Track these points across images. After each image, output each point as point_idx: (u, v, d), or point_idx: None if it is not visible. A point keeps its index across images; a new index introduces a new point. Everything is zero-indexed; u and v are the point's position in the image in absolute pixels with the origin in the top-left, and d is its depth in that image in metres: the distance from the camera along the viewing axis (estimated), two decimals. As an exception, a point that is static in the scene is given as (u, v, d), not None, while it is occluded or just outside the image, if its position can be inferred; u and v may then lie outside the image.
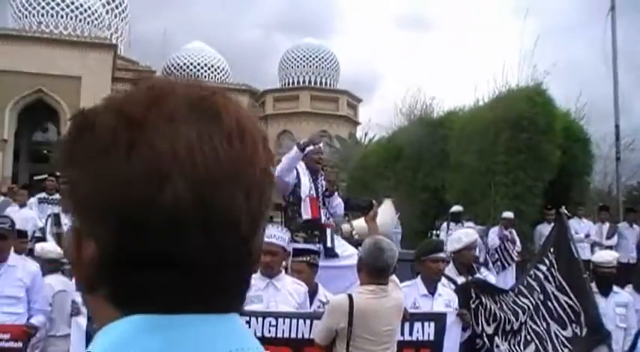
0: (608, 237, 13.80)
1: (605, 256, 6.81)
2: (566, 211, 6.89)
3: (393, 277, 4.52)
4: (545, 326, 5.92)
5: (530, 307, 5.94)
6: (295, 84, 54.12)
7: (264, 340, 4.61)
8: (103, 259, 0.72)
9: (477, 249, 7.77)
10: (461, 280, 5.97)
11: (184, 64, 54.19)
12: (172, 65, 53.75)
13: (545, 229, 13.30)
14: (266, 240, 5.00)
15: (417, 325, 5.08)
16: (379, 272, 4.27)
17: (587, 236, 13.30)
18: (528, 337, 5.87)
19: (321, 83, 54.80)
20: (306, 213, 6.66)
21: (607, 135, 18.69)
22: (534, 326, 5.93)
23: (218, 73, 55.15)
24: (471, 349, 5.50)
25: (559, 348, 5.75)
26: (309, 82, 54.29)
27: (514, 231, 12.50)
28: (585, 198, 15.76)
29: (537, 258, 6.35)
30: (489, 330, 5.64)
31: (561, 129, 14.19)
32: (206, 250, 0.70)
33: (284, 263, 5.38)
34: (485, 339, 5.56)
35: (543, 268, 6.14)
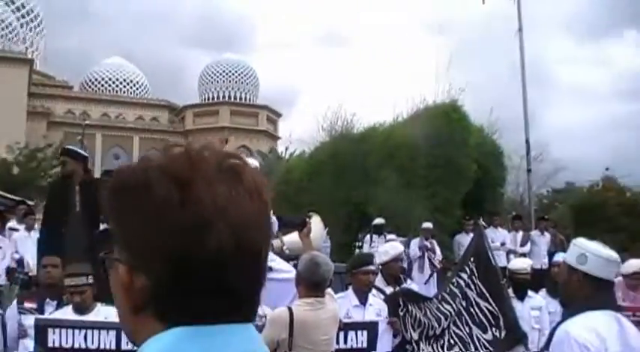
0: (522, 245, 14.59)
1: (520, 263, 7.34)
2: (483, 222, 7.37)
3: (329, 290, 4.82)
4: (467, 330, 6.33)
5: (453, 313, 6.35)
6: (215, 99, 54.21)
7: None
8: (154, 288, 0.92)
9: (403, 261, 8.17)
10: (389, 290, 6.34)
11: (103, 79, 53.46)
12: (91, 80, 52.92)
13: (463, 239, 13.96)
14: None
15: (351, 334, 5.38)
16: (316, 286, 4.56)
17: (503, 244, 13.99)
18: (452, 341, 6.27)
19: (240, 98, 55.04)
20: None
21: (518, 147, 19.66)
22: (457, 331, 6.34)
23: (137, 89, 54.67)
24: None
25: (481, 350, 6.17)
26: (229, 97, 54.49)
27: (434, 241, 13.06)
28: (499, 208, 16.54)
29: (459, 267, 6.78)
30: (415, 336, 6.03)
31: (476, 143, 14.92)
32: (241, 278, 0.96)
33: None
34: (414, 344, 5.93)
35: (464, 276, 6.56)
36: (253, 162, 7.62)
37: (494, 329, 6.28)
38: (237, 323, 0.96)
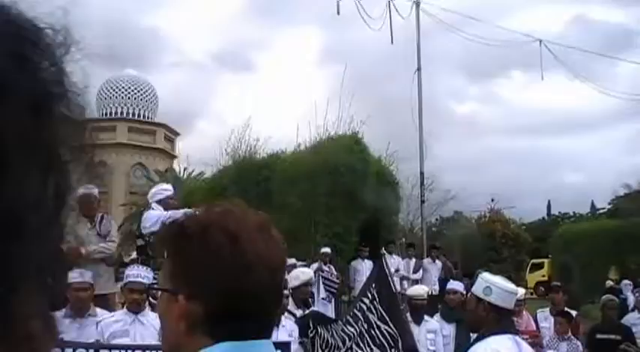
0: (415, 271, 15.49)
1: (419, 290, 8.04)
2: (384, 251, 8.02)
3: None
4: (368, 350, 6.90)
5: (356, 334, 6.90)
6: (112, 115, 53.22)
7: (133, 371, 5.16)
8: (207, 313, 1.26)
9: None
10: (299, 313, 6.84)
11: (-6, 91, 51.58)
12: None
13: (358, 264, 14.67)
14: (132, 279, 5.59)
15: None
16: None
17: (397, 270, 14.77)
18: (355, 362, 6.82)
19: (138, 115, 54.31)
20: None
21: (411, 176, 20.72)
22: (359, 351, 6.89)
23: (29, 101, 53.06)
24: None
25: (381, 370, 6.75)
26: (127, 113, 53.66)
27: (332, 266, 13.66)
28: (394, 236, 17.38)
29: (361, 293, 7.36)
30: (323, 356, 6.53)
31: (374, 173, 15.72)
32: (274, 305, 1.44)
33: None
34: (322, 363, 6.43)
35: (367, 301, 7.14)
36: (168, 187, 8.00)
37: (393, 350, 6.87)
38: (264, 339, 1.35)
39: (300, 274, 7.26)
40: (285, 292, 6.43)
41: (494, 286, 3.92)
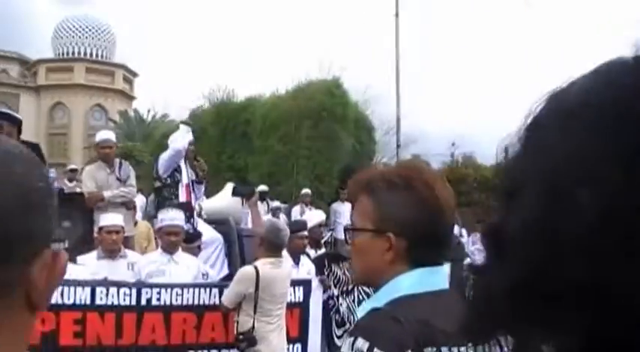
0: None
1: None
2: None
3: (284, 251, 5.64)
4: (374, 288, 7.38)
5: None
6: (70, 55, 52.11)
7: (172, 307, 5.51)
8: (409, 246, 1.68)
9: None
10: (312, 252, 7.24)
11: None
12: None
13: (339, 207, 15.08)
14: (169, 222, 5.88)
15: (290, 290, 6.22)
16: (277, 248, 5.37)
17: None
18: (360, 297, 7.27)
19: (96, 56, 53.29)
20: (182, 197, 7.49)
21: (382, 120, 21.09)
22: (365, 288, 7.35)
23: (-18, 39, 51.47)
24: (326, 308, 6.77)
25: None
26: (85, 53, 52.60)
27: (312, 208, 14.07)
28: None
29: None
30: (335, 292, 6.97)
31: (353, 119, 16.07)
32: (448, 238, 1.80)
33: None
34: (335, 299, 6.87)
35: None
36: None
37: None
38: (442, 264, 1.74)
39: (314, 217, 7.63)
40: (305, 233, 6.80)
41: None
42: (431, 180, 1.65)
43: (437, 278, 1.64)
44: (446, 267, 1.73)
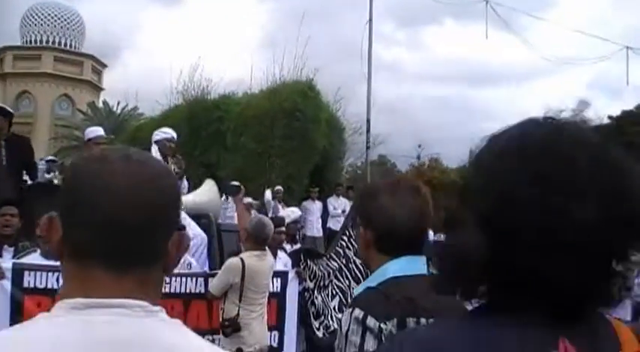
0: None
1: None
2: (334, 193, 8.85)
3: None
4: (347, 283, 7.82)
5: (336, 269, 7.81)
6: (38, 43, 51.60)
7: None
8: (377, 237, 2.25)
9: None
10: (288, 247, 7.69)
11: None
12: None
13: (309, 205, 15.58)
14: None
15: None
16: (262, 242, 5.83)
17: (344, 211, 15.76)
18: (333, 291, 7.74)
19: (65, 45, 52.85)
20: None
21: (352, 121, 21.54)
22: (339, 283, 7.81)
23: (-52, 24, 50.67)
24: (302, 300, 7.22)
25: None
26: (53, 42, 52.14)
27: (284, 204, 14.52)
28: (340, 179, 18.32)
29: (341, 231, 8.25)
30: (311, 285, 7.42)
31: (325, 119, 16.53)
32: (422, 233, 2.28)
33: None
34: (310, 292, 7.33)
35: (345, 238, 8.04)
36: (167, 131, 8.51)
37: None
38: (419, 255, 2.17)
39: (291, 213, 8.10)
40: (283, 229, 7.26)
41: None
42: (397, 188, 2.13)
43: (418, 264, 2.07)
44: (422, 258, 2.19)
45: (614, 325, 1.06)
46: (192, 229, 7.83)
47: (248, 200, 14.30)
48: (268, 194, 14.15)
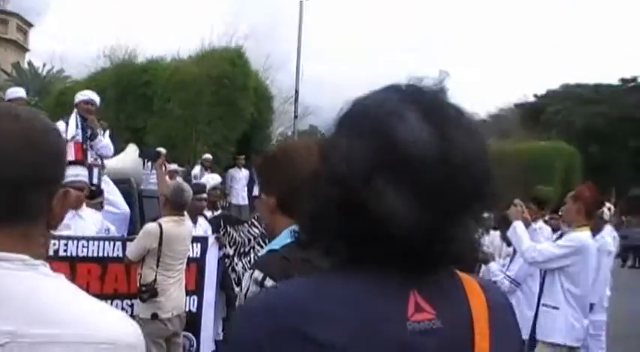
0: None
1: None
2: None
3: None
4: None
5: (258, 235, 7.90)
6: (-43, -1, 49.51)
7: (77, 258, 5.88)
8: (280, 202, 2.37)
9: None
10: (209, 213, 7.73)
11: None
12: None
13: (235, 172, 15.63)
14: (73, 178, 6.21)
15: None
16: (181, 207, 5.86)
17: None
18: (255, 258, 7.84)
19: (-13, 2, 50.80)
20: (70, 155, 7.75)
21: (282, 90, 21.61)
22: (261, 249, 7.92)
23: None
24: (222, 266, 7.29)
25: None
26: (-26, -2, 50.05)
27: (210, 172, 14.50)
28: (266, 148, 18.38)
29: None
30: (231, 252, 7.50)
31: (253, 87, 16.50)
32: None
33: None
34: (230, 259, 7.41)
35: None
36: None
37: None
38: None
39: (210, 179, 8.11)
40: (204, 195, 7.29)
41: None
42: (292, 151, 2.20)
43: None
44: None
45: (461, 277, 1.15)
46: (117, 204, 7.77)
47: (173, 166, 14.26)
48: (197, 169, 14.08)
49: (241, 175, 15.61)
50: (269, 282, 1.94)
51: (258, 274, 2.01)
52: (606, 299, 7.71)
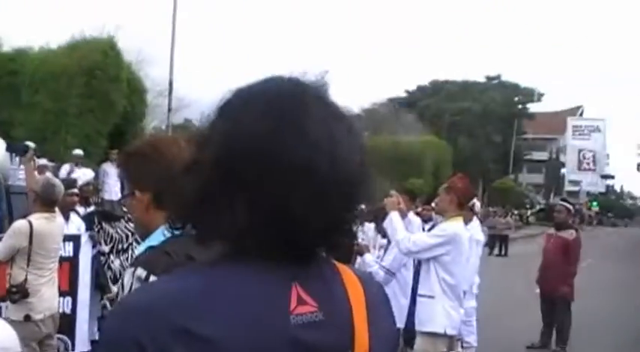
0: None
1: None
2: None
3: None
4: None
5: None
6: None
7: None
8: (155, 198, 2.35)
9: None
10: (82, 210, 7.47)
11: None
12: None
13: (108, 167, 15.16)
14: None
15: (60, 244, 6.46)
16: (52, 203, 5.63)
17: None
18: (134, 255, 7.67)
19: None
20: None
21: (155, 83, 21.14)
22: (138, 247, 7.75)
23: None
24: (96, 264, 7.06)
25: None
26: None
27: (82, 167, 14.00)
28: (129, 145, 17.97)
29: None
30: (106, 249, 7.28)
31: (126, 79, 16.07)
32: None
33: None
34: (106, 256, 7.19)
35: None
36: None
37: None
38: None
39: (82, 175, 7.85)
40: (75, 190, 7.04)
41: None
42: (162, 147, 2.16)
43: None
44: None
45: (339, 269, 1.16)
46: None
47: (43, 161, 13.65)
48: (68, 167, 13.52)
49: (114, 170, 15.13)
50: (154, 279, 1.89)
51: (141, 272, 1.97)
52: (476, 286, 8.05)
